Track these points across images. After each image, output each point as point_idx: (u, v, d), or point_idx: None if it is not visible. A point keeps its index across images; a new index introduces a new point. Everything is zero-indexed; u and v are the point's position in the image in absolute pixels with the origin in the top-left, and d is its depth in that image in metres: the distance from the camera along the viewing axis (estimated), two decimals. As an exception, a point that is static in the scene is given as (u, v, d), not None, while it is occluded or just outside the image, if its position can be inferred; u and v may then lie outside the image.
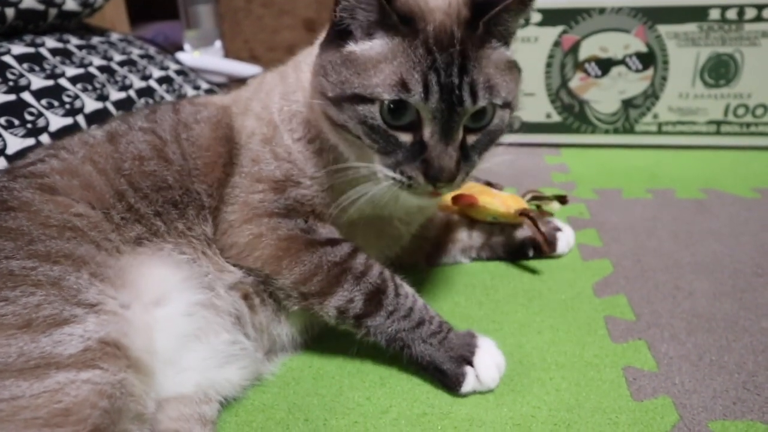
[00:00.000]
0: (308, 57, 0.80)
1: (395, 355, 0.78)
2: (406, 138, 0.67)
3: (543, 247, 1.01)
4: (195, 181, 0.78)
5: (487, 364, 0.75)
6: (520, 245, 1.05)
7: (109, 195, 0.74)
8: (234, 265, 0.78)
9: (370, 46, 0.67)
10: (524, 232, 1.06)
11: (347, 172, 0.74)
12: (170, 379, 0.67)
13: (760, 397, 0.73)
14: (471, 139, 0.69)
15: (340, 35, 0.70)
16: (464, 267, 1.05)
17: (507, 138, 0.73)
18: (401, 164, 0.67)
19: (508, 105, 0.70)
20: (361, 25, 0.68)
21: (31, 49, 1.29)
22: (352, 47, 0.68)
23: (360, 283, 0.75)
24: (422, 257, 1.04)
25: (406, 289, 0.79)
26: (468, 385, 0.74)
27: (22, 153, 1.03)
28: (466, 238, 1.06)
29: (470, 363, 0.74)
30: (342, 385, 0.78)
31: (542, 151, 1.58)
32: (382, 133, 0.67)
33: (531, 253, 1.05)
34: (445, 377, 0.75)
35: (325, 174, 0.77)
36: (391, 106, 0.65)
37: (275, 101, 0.82)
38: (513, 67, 0.72)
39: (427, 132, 0.66)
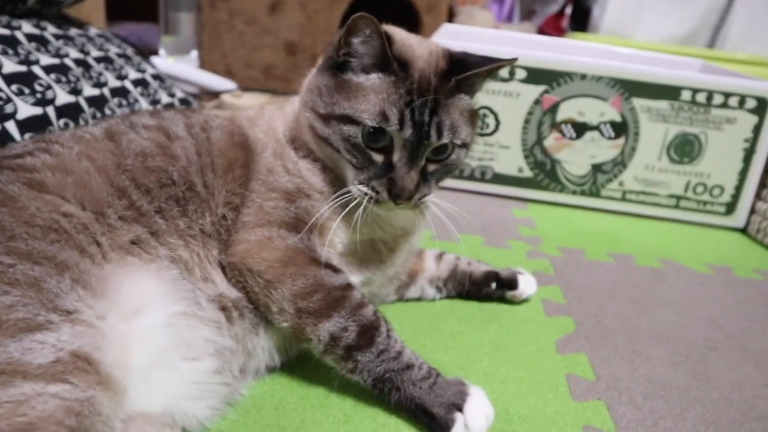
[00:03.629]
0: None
1: (380, 396, 0.76)
2: (378, 158, 0.78)
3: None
4: (208, 176, 0.80)
5: (478, 412, 0.74)
6: (483, 278, 1.07)
7: (108, 193, 0.71)
8: (231, 269, 0.78)
9: (366, 79, 0.78)
10: (486, 267, 1.09)
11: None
12: (141, 395, 0.62)
13: (714, 470, 0.75)
14: (431, 167, 0.81)
15: (337, 65, 0.80)
16: (432, 309, 1.04)
17: (477, 186, 0.76)
18: (371, 180, 0.78)
19: (465, 145, 0.83)
20: (362, 63, 0.78)
21: (7, 31, 1.24)
22: (349, 77, 0.79)
23: (356, 314, 0.75)
24: (393, 288, 1.03)
25: (396, 334, 0.78)
26: (456, 431, 0.73)
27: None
28: (433, 267, 1.07)
29: (460, 410, 0.73)
30: (304, 418, 0.76)
31: (511, 203, 1.61)
32: (360, 151, 0.78)
33: (494, 286, 1.07)
34: (433, 421, 0.73)
35: (329, 189, 0.83)
36: (371, 130, 0.76)
37: (278, 124, 0.89)
38: (474, 115, 0.84)
39: (396, 156, 0.77)
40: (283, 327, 0.77)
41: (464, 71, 0.78)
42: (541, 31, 2.85)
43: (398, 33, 0.82)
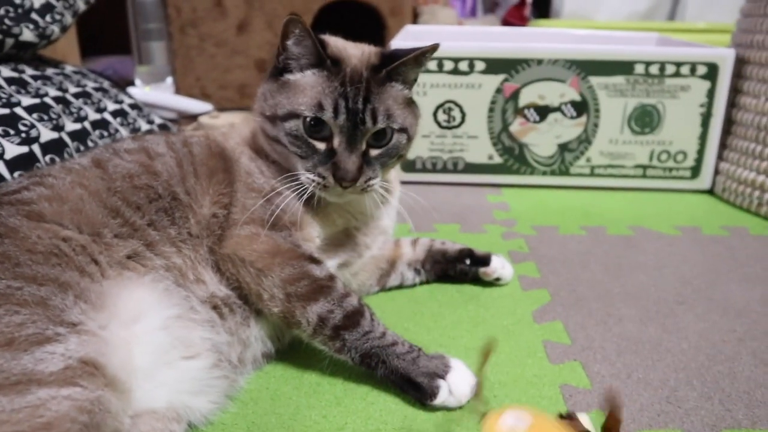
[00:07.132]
0: None
1: (367, 372, 0.83)
2: (321, 146, 0.86)
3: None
4: (189, 182, 0.87)
5: (460, 380, 0.81)
6: (457, 254, 1.13)
7: (102, 215, 0.78)
8: (224, 261, 0.84)
9: (302, 76, 0.87)
10: (461, 245, 1.15)
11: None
12: (146, 393, 0.68)
13: (680, 410, 0.81)
14: (374, 152, 0.88)
15: (279, 71, 0.89)
16: (413, 295, 1.10)
17: (451, 177, 0.80)
18: (317, 167, 0.85)
19: (404, 131, 0.89)
20: (300, 64, 0.87)
21: (-13, 78, 1.30)
22: (287, 78, 0.88)
23: (341, 302, 0.82)
24: (375, 279, 1.10)
25: (379, 319, 0.85)
26: (441, 397, 0.79)
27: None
28: (410, 252, 1.13)
29: (443, 379, 0.80)
30: (299, 404, 0.82)
31: (485, 190, 1.67)
32: (303, 141, 0.86)
33: (468, 262, 1.12)
34: (419, 391, 0.80)
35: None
36: (311, 121, 0.84)
37: (248, 134, 0.97)
38: (411, 104, 0.93)
39: (336, 141, 0.85)
40: (273, 313, 0.83)
41: (393, 63, 0.86)
42: (505, 21, 2.92)
43: (333, 39, 0.92)
